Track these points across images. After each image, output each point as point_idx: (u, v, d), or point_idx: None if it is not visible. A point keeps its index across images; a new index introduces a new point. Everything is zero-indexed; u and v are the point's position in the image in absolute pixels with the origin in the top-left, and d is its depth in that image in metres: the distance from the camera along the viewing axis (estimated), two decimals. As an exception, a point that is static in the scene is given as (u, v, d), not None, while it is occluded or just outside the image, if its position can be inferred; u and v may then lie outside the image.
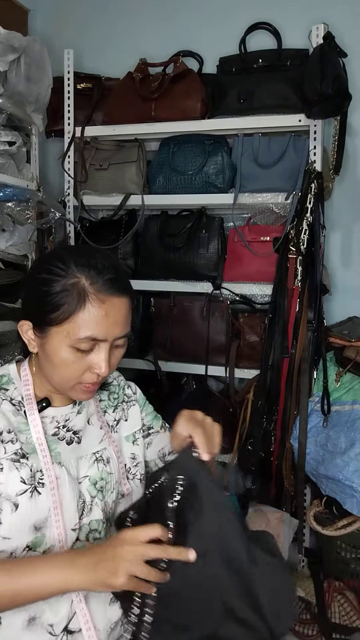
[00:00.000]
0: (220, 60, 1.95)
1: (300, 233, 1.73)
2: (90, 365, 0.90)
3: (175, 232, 1.96)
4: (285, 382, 1.75)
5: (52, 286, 0.87)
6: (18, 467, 0.88)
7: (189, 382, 2.08)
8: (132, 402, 1.13)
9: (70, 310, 0.86)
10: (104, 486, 0.99)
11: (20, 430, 0.92)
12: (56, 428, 0.97)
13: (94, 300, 0.86)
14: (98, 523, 0.96)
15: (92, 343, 0.88)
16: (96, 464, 0.99)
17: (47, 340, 0.89)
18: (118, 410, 1.10)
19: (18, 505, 0.86)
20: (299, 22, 1.88)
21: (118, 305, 0.89)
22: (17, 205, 1.78)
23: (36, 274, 0.91)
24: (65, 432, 0.98)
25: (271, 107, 1.82)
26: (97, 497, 0.97)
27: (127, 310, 0.92)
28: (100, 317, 0.86)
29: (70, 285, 0.86)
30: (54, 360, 0.89)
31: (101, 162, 2.05)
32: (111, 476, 1.00)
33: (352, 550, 1.70)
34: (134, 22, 2.20)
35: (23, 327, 0.93)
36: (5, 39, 1.65)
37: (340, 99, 1.65)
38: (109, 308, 0.87)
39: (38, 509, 0.88)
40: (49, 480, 0.89)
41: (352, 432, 1.58)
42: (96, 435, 1.02)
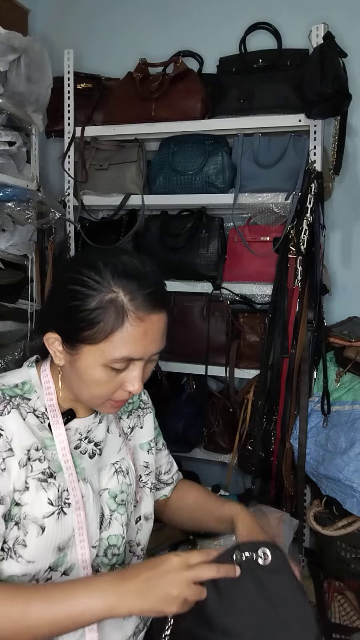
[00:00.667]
0: (220, 60, 1.95)
1: (300, 233, 1.72)
2: (123, 383, 0.84)
3: (176, 232, 1.96)
4: (285, 382, 1.75)
5: (87, 301, 0.80)
6: (45, 488, 0.84)
7: (189, 382, 2.08)
8: (147, 409, 1.09)
9: (107, 329, 0.79)
10: (125, 499, 0.95)
11: (46, 447, 0.86)
12: (78, 440, 0.92)
13: (134, 319, 0.80)
14: (117, 538, 0.92)
15: (127, 362, 0.83)
16: (116, 475, 0.95)
17: (79, 357, 0.83)
18: (133, 416, 1.06)
19: (45, 528, 0.82)
20: (299, 22, 1.88)
21: (157, 322, 0.83)
22: (17, 205, 1.78)
23: (67, 285, 0.83)
24: (87, 444, 0.93)
25: (271, 107, 1.82)
26: (117, 511, 0.93)
27: (165, 326, 0.86)
28: (139, 336, 0.81)
29: (107, 302, 0.79)
30: (84, 378, 0.84)
31: (101, 162, 2.05)
32: (130, 487, 0.96)
33: (352, 550, 1.69)
34: (134, 22, 2.20)
35: (49, 339, 0.86)
36: (5, 39, 1.65)
37: (340, 99, 1.65)
38: (147, 326, 0.81)
39: (63, 529, 0.84)
40: (74, 500, 0.86)
41: (352, 432, 1.58)
42: (115, 444, 0.98)
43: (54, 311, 0.87)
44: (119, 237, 2.02)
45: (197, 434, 2.03)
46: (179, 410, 2.00)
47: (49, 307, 0.92)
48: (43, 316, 0.95)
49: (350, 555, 1.70)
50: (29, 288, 1.93)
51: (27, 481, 0.83)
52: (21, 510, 0.82)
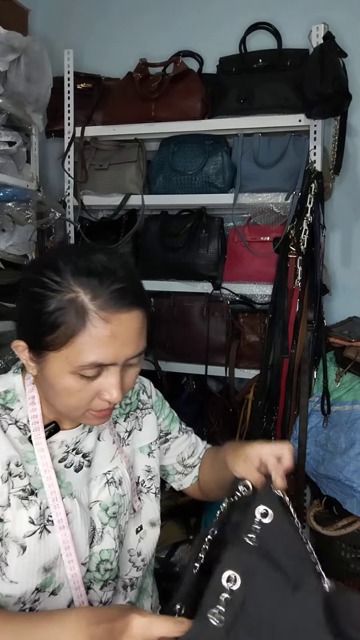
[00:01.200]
0: (220, 60, 1.95)
1: (300, 233, 1.72)
2: (100, 391, 0.76)
3: (176, 232, 1.96)
4: (285, 382, 1.75)
5: (46, 303, 0.72)
6: (26, 506, 0.78)
7: (189, 382, 2.08)
8: (147, 409, 1.01)
9: (68, 333, 0.71)
10: (117, 511, 0.89)
11: (28, 461, 0.81)
12: (65, 453, 0.85)
13: (96, 320, 0.71)
14: (110, 553, 0.87)
15: (98, 369, 0.74)
16: (107, 487, 0.88)
17: (45, 365, 0.75)
18: (130, 419, 0.98)
19: (26, 548, 0.77)
20: (299, 22, 1.88)
21: (128, 321, 0.73)
22: (17, 205, 1.78)
23: (28, 287, 0.76)
24: (74, 456, 0.86)
25: (271, 107, 1.82)
26: (109, 524, 0.87)
27: (141, 325, 0.76)
28: (106, 338, 0.71)
29: (66, 303, 0.71)
30: (55, 388, 0.76)
31: (101, 162, 2.05)
32: (124, 498, 0.90)
33: (352, 550, 1.69)
34: (134, 22, 2.20)
35: (18, 347, 0.78)
36: (5, 39, 1.65)
37: (340, 99, 1.65)
38: (115, 327, 0.72)
39: (48, 549, 0.79)
40: (57, 518, 0.80)
41: (352, 432, 1.58)
42: (107, 453, 0.91)
43: (19, 317, 0.81)
44: (119, 237, 2.02)
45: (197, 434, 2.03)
46: (178, 410, 1.96)
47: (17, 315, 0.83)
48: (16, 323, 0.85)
49: (350, 555, 1.70)
50: (29, 288, 1.93)
51: (9, 497, 0.78)
52: (3, 526, 0.77)
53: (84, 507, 0.85)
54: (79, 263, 0.74)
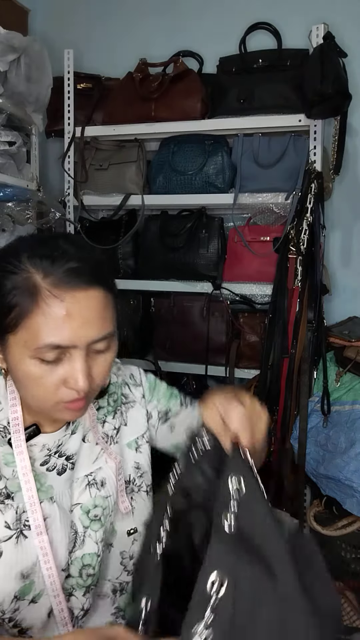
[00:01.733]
0: (220, 60, 1.95)
1: (300, 233, 1.72)
2: (65, 378, 0.72)
3: (176, 232, 1.96)
4: (285, 382, 1.75)
5: (4, 285, 0.71)
6: (2, 510, 0.77)
7: (189, 382, 2.08)
8: (130, 402, 0.98)
9: (21, 312, 0.69)
10: (100, 514, 0.85)
11: (7, 463, 0.79)
12: (47, 456, 0.83)
13: (49, 298, 0.69)
14: (92, 557, 0.83)
15: (58, 352, 0.71)
16: (88, 489, 0.85)
17: (8, 351, 0.73)
18: (117, 415, 0.94)
19: (2, 553, 0.75)
20: (299, 22, 1.88)
21: (84, 300, 0.71)
22: (17, 205, 1.78)
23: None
24: (57, 459, 0.84)
25: (271, 107, 1.82)
26: (91, 527, 0.84)
27: (102, 306, 0.73)
28: (60, 318, 0.69)
29: (21, 283, 0.70)
30: (19, 376, 0.74)
31: (101, 162, 2.05)
32: (108, 500, 0.87)
33: (352, 550, 1.69)
34: (134, 22, 2.20)
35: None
36: (5, 39, 1.65)
37: (340, 99, 1.65)
38: (70, 306, 0.69)
39: (25, 555, 0.77)
40: (35, 524, 0.77)
41: (352, 432, 1.58)
42: (91, 454, 0.88)
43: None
44: (119, 237, 2.02)
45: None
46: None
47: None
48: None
49: (350, 555, 1.70)
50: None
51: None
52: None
53: (65, 511, 0.83)
54: (36, 247, 0.73)
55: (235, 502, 0.61)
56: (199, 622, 0.54)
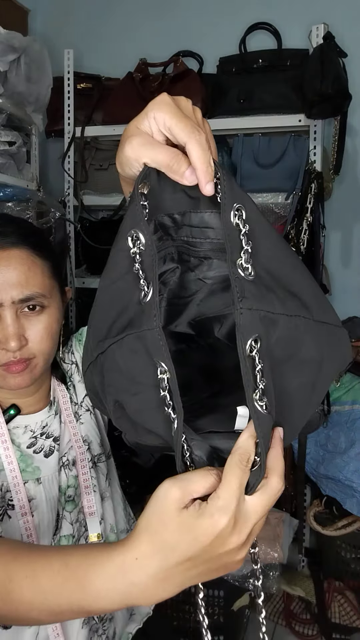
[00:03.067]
0: (220, 60, 1.95)
1: (300, 233, 1.72)
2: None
3: (175, 232, 1.95)
4: (285, 382, 1.75)
5: None
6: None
7: (189, 382, 2.08)
8: (72, 368, 0.93)
9: None
10: (73, 494, 0.84)
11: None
12: (32, 438, 0.84)
13: None
14: (68, 539, 0.82)
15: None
16: (63, 469, 0.85)
17: None
18: (71, 389, 0.91)
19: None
20: (299, 22, 1.88)
21: (5, 260, 0.74)
22: (17, 205, 1.78)
23: None
24: (44, 441, 0.84)
25: (271, 107, 1.82)
26: (66, 508, 0.84)
27: (27, 267, 0.75)
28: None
29: None
30: None
31: (101, 162, 2.05)
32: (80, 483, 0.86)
33: (352, 550, 1.70)
34: (134, 22, 2.20)
35: None
36: (5, 39, 1.65)
37: (340, 99, 1.65)
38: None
39: (9, 534, 0.76)
40: (19, 504, 0.77)
41: (352, 432, 1.58)
42: (67, 435, 0.87)
43: None
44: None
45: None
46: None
47: None
48: None
49: (350, 555, 1.70)
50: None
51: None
52: None
53: (52, 495, 0.82)
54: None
55: (244, 238, 0.47)
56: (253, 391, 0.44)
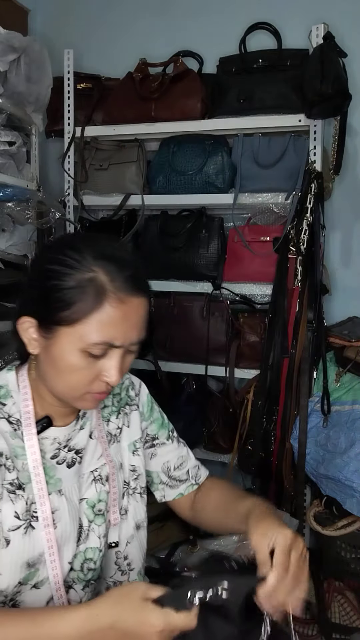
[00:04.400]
0: (220, 60, 1.95)
1: (300, 233, 1.72)
2: (100, 372, 0.79)
3: (175, 232, 1.96)
4: (285, 382, 1.75)
5: (64, 280, 0.75)
6: (13, 500, 0.79)
7: (189, 382, 2.08)
8: (134, 405, 1.02)
9: (85, 309, 0.75)
10: (103, 509, 0.89)
11: (17, 455, 0.82)
12: (57, 449, 0.86)
13: (113, 300, 0.75)
14: (94, 552, 0.87)
15: (105, 348, 0.77)
16: (94, 484, 0.89)
17: (54, 341, 0.78)
18: (121, 415, 0.99)
19: (9, 542, 0.78)
20: (299, 22, 1.88)
21: (137, 306, 0.78)
22: (17, 205, 1.78)
23: (44, 264, 0.80)
24: (67, 453, 0.87)
25: (271, 107, 1.82)
26: (95, 522, 0.88)
27: (145, 312, 0.81)
28: (119, 319, 0.76)
29: (86, 281, 0.75)
30: (59, 364, 0.78)
31: (101, 162, 2.05)
32: (109, 495, 0.91)
33: (352, 550, 1.69)
34: (134, 22, 2.20)
35: (24, 324, 0.81)
36: (5, 39, 1.65)
37: (340, 99, 1.65)
38: (128, 310, 0.77)
39: (32, 546, 0.79)
40: (43, 516, 0.80)
41: (352, 432, 1.58)
42: (96, 451, 0.92)
43: (30, 294, 0.82)
44: (119, 237, 2.01)
45: (197, 434, 2.03)
46: (178, 410, 2.00)
47: (25, 292, 0.84)
48: (20, 303, 0.87)
49: (350, 555, 1.70)
50: (28, 288, 1.93)
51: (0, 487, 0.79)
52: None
53: (73, 504, 0.85)
54: (97, 247, 0.79)
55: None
56: None
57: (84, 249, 0.77)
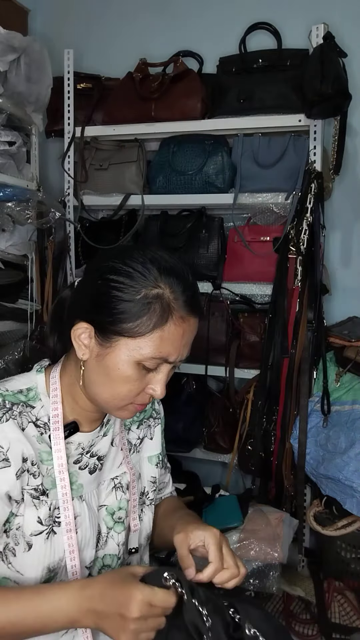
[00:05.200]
0: (220, 60, 1.95)
1: (300, 233, 1.72)
2: (147, 384, 0.81)
3: (175, 232, 1.96)
4: (285, 382, 1.75)
5: (131, 292, 0.77)
6: (37, 505, 0.81)
7: (189, 382, 2.08)
8: (158, 419, 1.05)
9: (150, 324, 0.76)
10: (123, 516, 0.91)
11: (42, 461, 0.82)
12: (79, 454, 0.87)
13: (177, 319, 0.78)
14: (112, 558, 0.89)
15: (159, 363, 0.79)
16: (114, 491, 0.91)
17: (112, 350, 0.78)
18: (143, 426, 1.01)
19: (32, 546, 0.80)
20: (299, 22, 1.88)
21: (193, 325, 0.82)
22: (17, 205, 1.78)
23: (107, 274, 0.79)
24: (89, 459, 0.88)
25: (271, 107, 1.82)
26: (114, 529, 0.90)
27: (195, 332, 0.84)
28: (178, 337, 0.79)
29: (153, 297, 0.77)
30: (113, 374, 0.79)
31: (101, 162, 2.05)
32: (129, 503, 0.92)
33: (352, 550, 1.69)
34: (134, 22, 2.20)
35: (79, 329, 0.81)
36: (5, 39, 1.65)
37: (340, 99, 1.65)
38: (186, 328, 0.80)
39: (53, 550, 0.81)
40: (66, 521, 0.82)
41: (352, 432, 1.58)
42: (117, 458, 0.93)
43: (90, 301, 0.81)
44: (119, 237, 2.02)
45: (197, 434, 2.03)
46: (179, 410, 2.00)
47: (80, 297, 0.85)
48: (69, 306, 0.88)
49: (350, 555, 1.70)
50: (28, 288, 1.93)
51: (22, 492, 0.80)
52: (14, 520, 0.80)
53: (93, 510, 0.87)
54: (162, 262, 0.80)
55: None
56: None
57: (148, 262, 0.79)
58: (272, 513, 1.68)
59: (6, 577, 0.81)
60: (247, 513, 1.69)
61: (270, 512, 1.69)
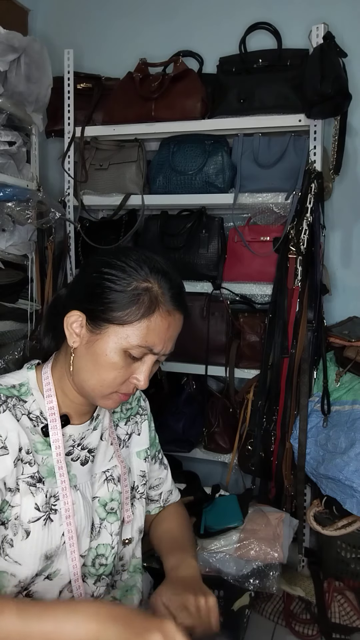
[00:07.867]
0: (220, 60, 1.95)
1: (300, 233, 1.72)
2: (132, 374, 0.87)
3: (175, 232, 1.96)
4: (285, 382, 1.75)
5: (122, 284, 0.84)
6: (33, 492, 0.84)
7: (189, 382, 2.08)
8: (145, 415, 1.10)
9: (137, 313, 0.83)
10: (116, 507, 0.95)
11: (37, 451, 0.87)
12: (71, 447, 0.92)
13: (163, 311, 0.85)
14: (106, 548, 0.93)
15: (144, 352, 0.85)
16: (106, 483, 0.95)
17: (101, 337, 0.84)
18: (130, 423, 1.06)
19: (29, 533, 0.83)
20: (299, 22, 1.88)
21: (178, 321, 0.89)
22: (17, 205, 1.78)
23: (101, 267, 0.86)
24: (80, 451, 0.93)
25: (271, 107, 1.82)
26: (107, 519, 0.94)
27: (180, 328, 0.91)
28: (164, 329, 0.85)
29: (143, 289, 0.84)
30: (100, 360, 0.84)
31: (101, 162, 2.05)
32: (121, 495, 0.96)
33: (352, 550, 1.69)
34: (134, 22, 2.20)
35: (71, 317, 0.87)
36: (5, 39, 1.65)
37: (340, 99, 1.65)
38: (171, 322, 0.87)
39: (51, 537, 0.84)
40: (65, 508, 0.86)
41: (352, 432, 1.58)
42: (107, 452, 0.98)
43: (84, 292, 0.88)
44: (119, 237, 2.02)
45: (197, 434, 2.03)
46: (179, 410, 2.00)
47: (74, 289, 0.92)
48: (64, 299, 0.94)
49: (350, 555, 1.70)
50: (28, 288, 1.93)
51: (17, 482, 0.83)
52: (12, 511, 0.82)
53: (87, 500, 0.90)
54: (153, 261, 0.88)
55: None
56: None
57: (141, 260, 0.86)
58: (272, 513, 1.68)
59: (3, 570, 0.82)
60: (247, 513, 1.69)
61: (270, 512, 1.69)
